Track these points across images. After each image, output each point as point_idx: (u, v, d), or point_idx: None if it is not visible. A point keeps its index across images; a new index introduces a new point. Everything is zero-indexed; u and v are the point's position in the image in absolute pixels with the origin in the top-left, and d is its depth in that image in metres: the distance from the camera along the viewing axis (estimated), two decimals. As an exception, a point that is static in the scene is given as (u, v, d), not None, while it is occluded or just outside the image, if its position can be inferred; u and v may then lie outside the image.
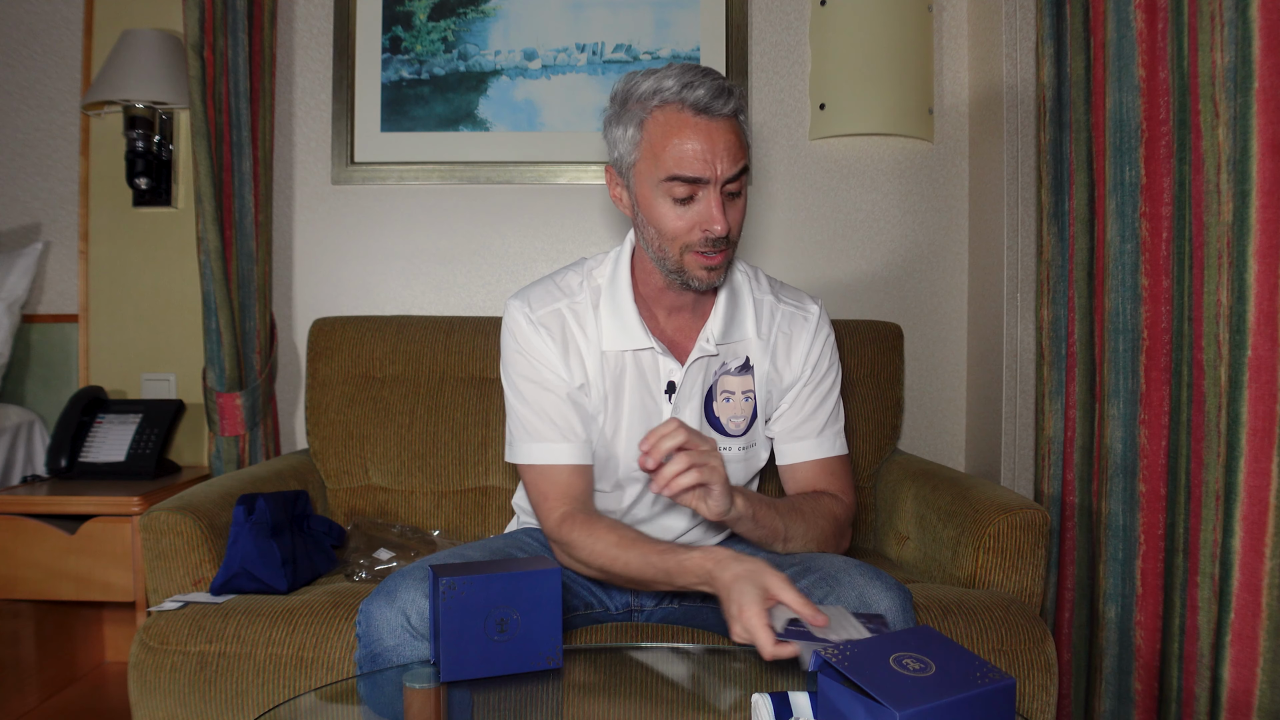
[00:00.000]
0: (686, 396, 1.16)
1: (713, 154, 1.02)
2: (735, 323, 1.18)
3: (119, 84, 1.85)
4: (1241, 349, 1.06)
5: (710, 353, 1.16)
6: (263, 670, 1.22)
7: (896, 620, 1.00)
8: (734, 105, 1.05)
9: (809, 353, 1.21)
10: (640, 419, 1.16)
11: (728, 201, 1.06)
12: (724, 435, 1.19)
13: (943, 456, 2.02)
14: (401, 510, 1.74)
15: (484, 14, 1.99)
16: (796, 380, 1.21)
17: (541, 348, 1.14)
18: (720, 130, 1.03)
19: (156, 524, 1.34)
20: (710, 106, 1.02)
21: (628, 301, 1.14)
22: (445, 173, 1.99)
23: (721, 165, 1.03)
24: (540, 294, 1.17)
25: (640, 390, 1.16)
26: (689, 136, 1.02)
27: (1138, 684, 1.33)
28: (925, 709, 0.68)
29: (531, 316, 1.15)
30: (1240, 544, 1.06)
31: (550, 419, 1.14)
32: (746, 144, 1.08)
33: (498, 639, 0.94)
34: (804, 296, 1.25)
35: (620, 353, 1.15)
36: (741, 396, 1.19)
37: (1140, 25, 1.29)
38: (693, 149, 1.02)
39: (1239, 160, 1.05)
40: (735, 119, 1.06)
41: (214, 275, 1.76)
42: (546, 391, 1.14)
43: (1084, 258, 1.45)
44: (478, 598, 0.93)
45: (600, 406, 1.15)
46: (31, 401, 2.00)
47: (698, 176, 1.03)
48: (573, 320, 1.15)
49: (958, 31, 2.00)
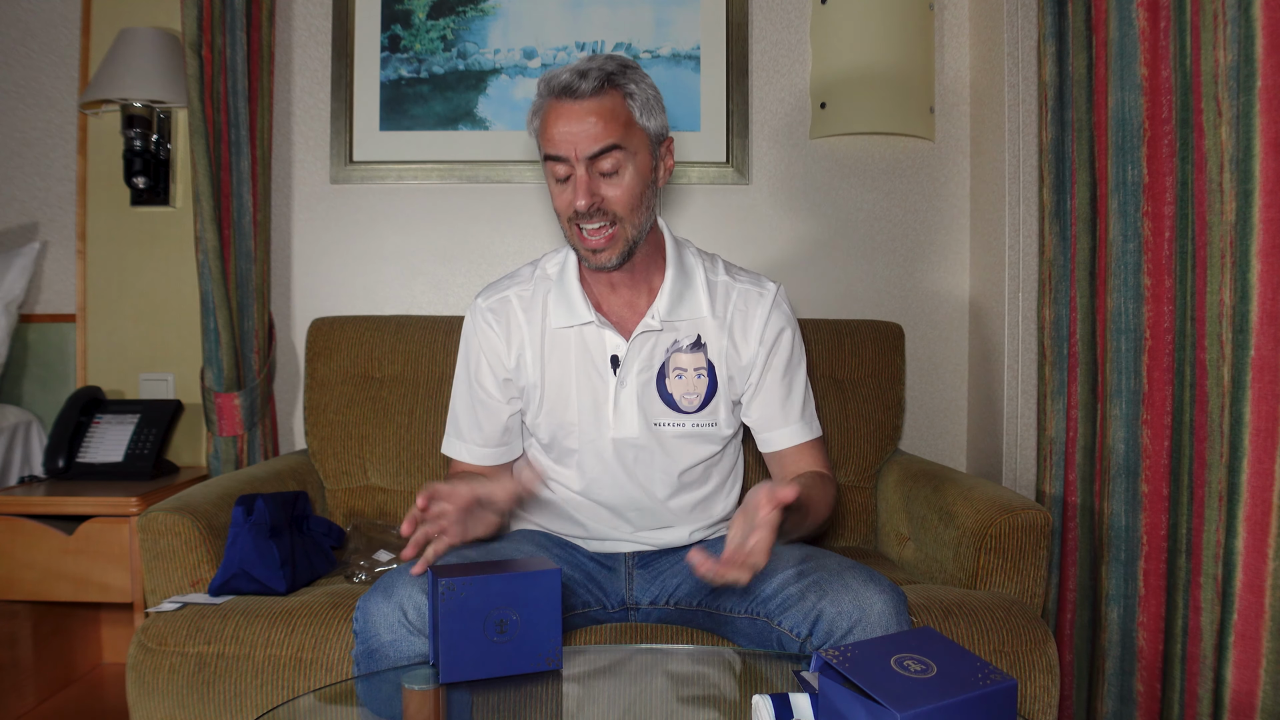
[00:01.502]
0: (630, 369, 1.21)
1: (571, 134, 1.10)
2: (684, 301, 1.22)
3: (117, 83, 1.85)
4: (1244, 349, 1.05)
5: (655, 328, 1.20)
6: (261, 671, 1.21)
7: (889, 621, 1.00)
8: (594, 84, 1.10)
9: (766, 327, 1.24)
10: (588, 392, 1.22)
11: (603, 179, 1.12)
12: (677, 411, 1.22)
13: (944, 457, 2.02)
14: (401, 511, 1.74)
15: (483, 12, 1.98)
16: (755, 356, 1.24)
17: (487, 332, 1.25)
18: (580, 111, 1.10)
19: (155, 525, 1.33)
20: (569, 87, 1.10)
21: (573, 281, 1.22)
22: (444, 172, 1.99)
23: (580, 144, 1.10)
24: (495, 285, 1.29)
25: (585, 364, 1.22)
26: (553, 119, 1.12)
27: (1140, 685, 1.33)
28: (926, 710, 0.68)
29: (482, 304, 1.26)
30: (1243, 545, 1.06)
31: (477, 422, 1.27)
32: (628, 119, 1.12)
33: (497, 640, 0.94)
34: (761, 278, 1.29)
35: (566, 330, 1.22)
36: (694, 374, 1.22)
37: (1143, 24, 1.29)
38: (555, 131, 1.11)
39: (1242, 159, 1.04)
40: (601, 98, 1.11)
41: (212, 275, 1.76)
42: (480, 390, 1.25)
43: (1086, 257, 1.45)
44: (477, 599, 0.92)
45: (537, 383, 1.23)
46: (29, 402, 2.00)
47: (559, 155, 1.11)
48: (518, 304, 1.25)
49: (959, 30, 1.99)
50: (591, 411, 1.21)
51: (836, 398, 1.75)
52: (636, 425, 1.21)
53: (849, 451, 1.75)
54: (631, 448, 1.22)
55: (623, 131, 1.11)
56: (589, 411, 1.22)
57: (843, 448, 1.75)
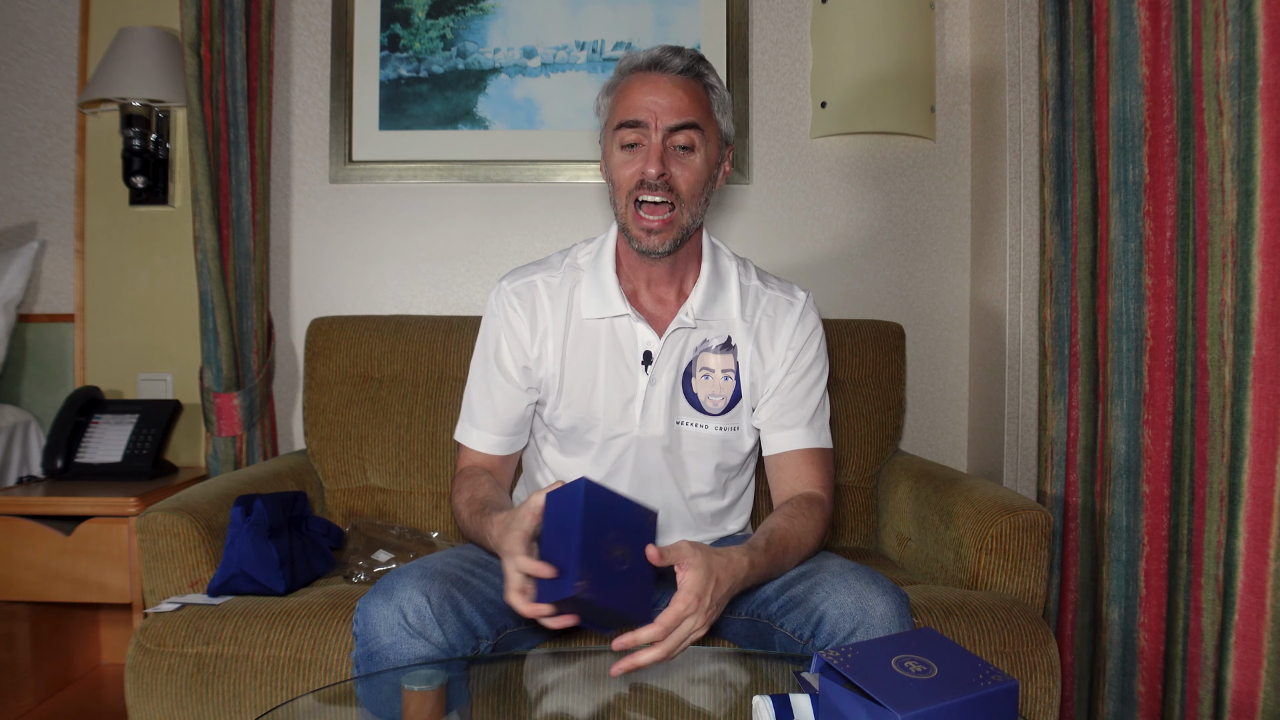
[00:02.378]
0: (662, 368, 1.18)
1: (656, 102, 1.10)
2: (718, 301, 1.21)
3: (115, 82, 1.84)
4: (1246, 349, 1.05)
5: (689, 325, 1.18)
6: (260, 672, 1.21)
7: (891, 623, 0.99)
8: (686, 63, 1.12)
9: (793, 335, 1.22)
10: (616, 387, 1.19)
11: (675, 155, 1.11)
12: (701, 413, 1.20)
13: (945, 457, 2.02)
14: (400, 511, 1.74)
15: (483, 11, 1.98)
16: (781, 359, 1.22)
17: (511, 315, 1.21)
18: (668, 83, 1.11)
19: (153, 525, 1.33)
20: (660, 60, 1.11)
21: (609, 271, 1.20)
22: (444, 171, 1.98)
23: (663, 114, 1.10)
24: (522, 269, 1.26)
25: (615, 359, 1.19)
26: (638, 88, 1.12)
27: (1141, 686, 1.33)
28: (927, 711, 0.68)
29: (508, 287, 1.23)
30: (1244, 545, 1.05)
31: (492, 406, 1.23)
32: (708, 108, 1.14)
33: (617, 568, 0.89)
34: (792, 286, 1.27)
35: (597, 321, 1.19)
36: (721, 375, 1.21)
37: (1144, 23, 1.29)
38: (639, 98, 1.11)
39: (1243, 159, 1.04)
40: (691, 78, 1.12)
41: (211, 274, 1.76)
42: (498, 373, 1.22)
43: (1087, 257, 1.44)
44: (608, 514, 0.89)
45: (557, 373, 1.20)
46: (27, 402, 1.99)
47: (638, 120, 1.10)
48: (544, 290, 1.22)
49: (960, 29, 1.99)
50: (620, 407, 1.19)
51: (838, 398, 1.75)
52: (663, 425, 1.19)
53: (850, 451, 1.75)
54: (653, 447, 1.20)
55: (704, 115, 1.12)
56: (616, 407, 1.19)
57: (843, 448, 1.74)
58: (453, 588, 1.02)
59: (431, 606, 0.99)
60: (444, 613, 0.99)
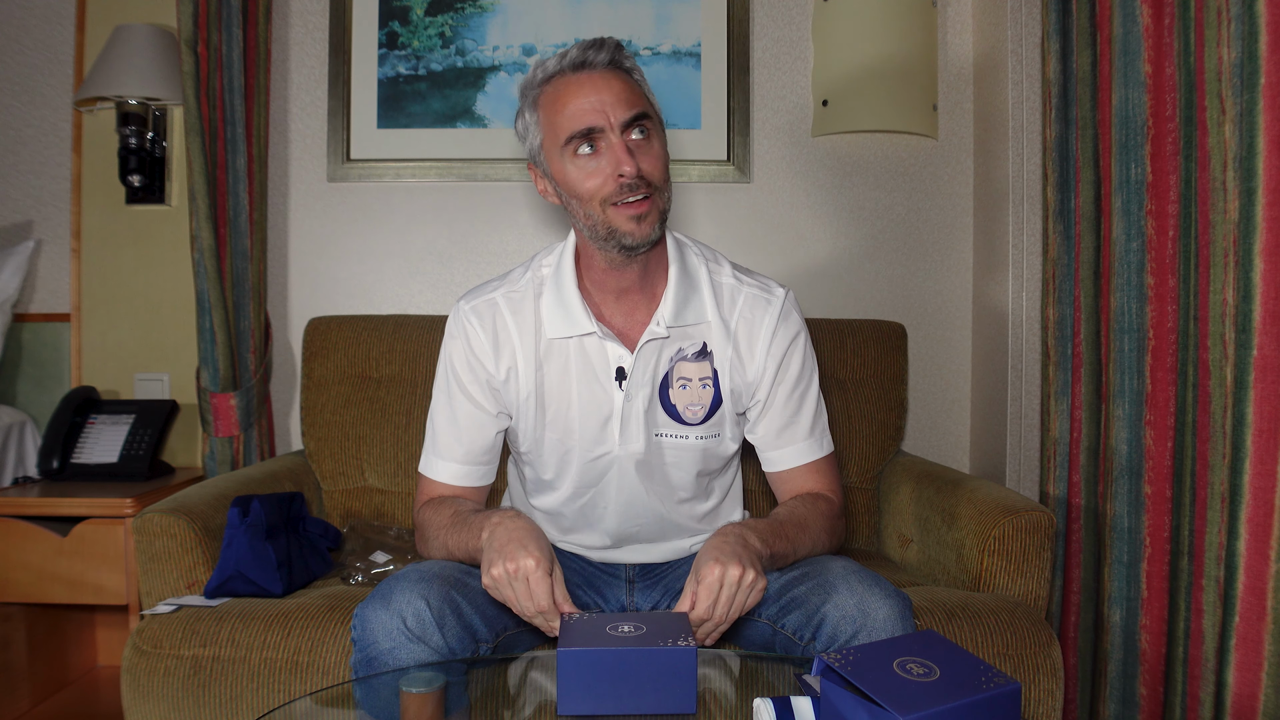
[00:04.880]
0: (638, 384, 1.13)
1: (600, 102, 1.03)
2: (690, 305, 1.14)
3: (112, 80, 1.84)
4: (1247, 349, 1.05)
5: (661, 335, 1.13)
6: (257, 674, 1.20)
7: (893, 627, 0.98)
8: (609, 56, 1.05)
9: (774, 340, 1.15)
10: (591, 406, 1.14)
11: (636, 147, 1.05)
12: (680, 423, 1.16)
13: (947, 458, 2.01)
14: (398, 512, 1.73)
15: (482, 9, 1.97)
16: (763, 371, 1.16)
17: (472, 335, 1.15)
18: (603, 79, 1.04)
19: (150, 526, 1.32)
20: (585, 59, 1.05)
21: (571, 288, 1.13)
22: (443, 170, 1.97)
23: (614, 110, 1.03)
24: (481, 287, 1.20)
25: (588, 378, 1.14)
26: (573, 94, 1.04)
27: (1143, 688, 1.32)
28: (929, 714, 0.67)
29: (465, 306, 1.17)
30: (1245, 547, 1.05)
31: (458, 435, 1.17)
32: (643, 93, 1.08)
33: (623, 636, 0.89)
34: (770, 283, 1.20)
35: (565, 340, 1.14)
36: (699, 383, 1.15)
37: (1146, 21, 1.28)
38: (580, 104, 1.04)
39: (1245, 157, 1.03)
40: (619, 70, 1.06)
41: (208, 274, 1.75)
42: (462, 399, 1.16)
43: (1090, 256, 1.44)
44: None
45: (533, 393, 1.15)
46: (23, 402, 1.99)
47: (591, 126, 1.03)
48: (506, 307, 1.15)
49: (962, 27, 1.98)
50: (597, 427, 1.14)
51: (839, 398, 1.75)
52: (642, 441, 1.14)
53: (851, 452, 1.74)
54: (634, 463, 1.16)
55: (646, 102, 1.07)
56: (593, 427, 1.14)
57: (845, 448, 1.74)
58: (452, 591, 1.01)
59: (431, 611, 0.98)
60: (444, 616, 0.98)
